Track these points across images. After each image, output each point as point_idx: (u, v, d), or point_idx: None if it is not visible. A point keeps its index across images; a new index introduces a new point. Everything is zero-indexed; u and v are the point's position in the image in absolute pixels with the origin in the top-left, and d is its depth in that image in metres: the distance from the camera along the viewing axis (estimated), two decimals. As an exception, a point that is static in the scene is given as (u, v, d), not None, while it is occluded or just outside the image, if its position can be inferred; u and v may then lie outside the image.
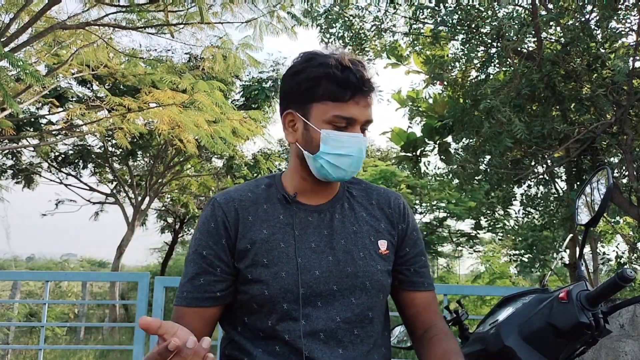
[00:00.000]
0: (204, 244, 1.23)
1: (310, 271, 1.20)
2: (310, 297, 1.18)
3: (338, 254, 1.23)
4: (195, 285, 1.21)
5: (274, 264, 1.19)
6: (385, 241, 1.30)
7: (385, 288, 1.28)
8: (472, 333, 1.45)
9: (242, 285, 1.21)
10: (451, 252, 13.71)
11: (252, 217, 1.24)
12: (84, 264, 22.76)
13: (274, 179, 1.33)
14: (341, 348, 1.19)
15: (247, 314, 1.22)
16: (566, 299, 1.22)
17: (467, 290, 5.07)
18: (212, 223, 1.23)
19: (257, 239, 1.21)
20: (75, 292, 13.19)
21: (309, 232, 1.24)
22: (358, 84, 1.19)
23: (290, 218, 1.25)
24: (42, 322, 3.15)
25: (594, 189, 1.43)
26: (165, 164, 12.85)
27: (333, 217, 1.28)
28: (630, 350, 2.91)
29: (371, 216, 1.33)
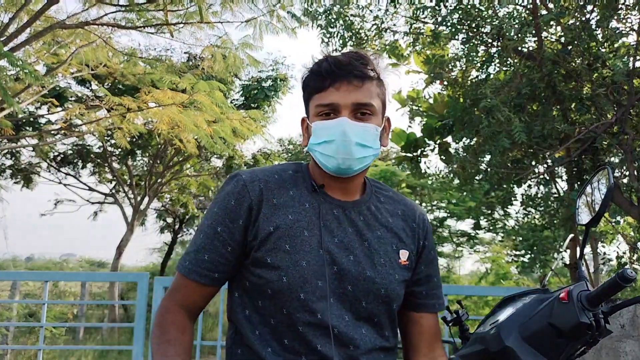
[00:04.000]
0: (220, 220, 1.21)
1: (330, 266, 1.18)
2: (325, 292, 1.17)
3: (359, 255, 1.22)
4: (198, 259, 1.21)
5: (296, 251, 1.17)
6: (407, 252, 1.29)
7: (398, 298, 1.27)
8: (473, 333, 1.44)
9: (259, 269, 1.19)
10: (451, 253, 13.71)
11: (277, 200, 1.22)
12: (83, 264, 22.76)
13: (300, 166, 1.32)
14: (352, 345, 1.18)
15: (260, 299, 1.20)
16: (567, 299, 1.21)
17: (468, 290, 5.07)
18: (232, 200, 1.21)
19: (281, 223, 1.19)
20: (74, 292, 13.19)
21: (334, 226, 1.23)
22: (332, 69, 1.19)
23: (317, 207, 1.23)
24: (41, 322, 3.14)
25: (595, 188, 1.43)
26: (165, 164, 12.84)
27: (358, 217, 1.26)
28: (630, 351, 2.90)
29: (395, 225, 1.31)
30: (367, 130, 1.21)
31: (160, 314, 1.22)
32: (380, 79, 1.26)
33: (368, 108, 1.21)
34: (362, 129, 1.20)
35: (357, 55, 1.23)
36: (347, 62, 1.20)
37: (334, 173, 1.24)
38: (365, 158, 1.23)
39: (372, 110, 1.21)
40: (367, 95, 1.21)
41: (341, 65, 1.19)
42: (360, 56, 1.23)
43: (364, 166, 1.25)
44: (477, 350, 1.33)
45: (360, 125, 1.20)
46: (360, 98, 1.20)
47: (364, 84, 1.21)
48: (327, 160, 1.21)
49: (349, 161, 1.20)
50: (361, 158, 1.22)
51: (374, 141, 1.23)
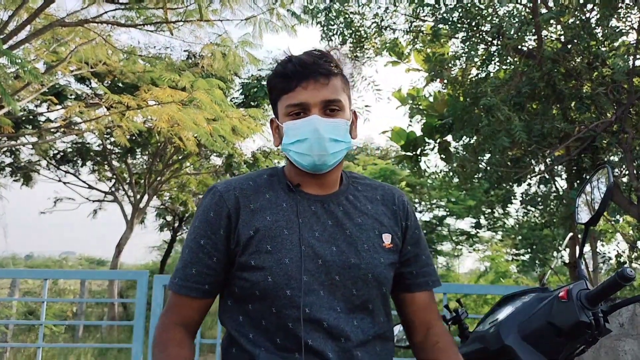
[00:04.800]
0: (202, 233, 1.24)
1: (314, 260, 1.20)
2: (313, 286, 1.18)
3: (342, 245, 1.24)
4: (187, 274, 1.23)
5: (277, 250, 1.20)
6: (389, 235, 1.30)
7: (387, 281, 1.28)
8: (472, 332, 1.44)
9: (244, 272, 1.21)
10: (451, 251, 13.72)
11: (253, 205, 1.24)
12: (83, 262, 22.75)
13: (275, 170, 1.35)
14: (343, 338, 1.19)
15: (249, 303, 1.22)
16: (566, 298, 1.21)
17: (467, 289, 5.08)
18: (211, 212, 1.24)
19: (260, 226, 1.22)
20: (73, 290, 13.19)
21: (312, 221, 1.25)
22: (297, 69, 1.22)
23: (294, 206, 1.25)
24: (40, 320, 3.15)
25: (594, 187, 1.43)
26: (164, 162, 12.83)
27: (337, 209, 1.28)
28: (630, 350, 2.90)
29: (375, 210, 1.33)
30: (338, 126, 1.24)
31: (158, 333, 1.24)
32: (344, 75, 1.30)
33: (336, 104, 1.24)
34: (333, 124, 1.23)
35: (319, 54, 1.26)
36: (312, 61, 1.23)
37: (310, 170, 1.26)
38: (338, 152, 1.26)
39: (340, 105, 1.25)
40: (334, 91, 1.24)
41: (306, 64, 1.22)
42: (323, 54, 1.26)
43: (338, 160, 1.28)
44: (476, 349, 1.34)
45: (331, 121, 1.23)
46: (328, 95, 1.23)
47: (330, 80, 1.24)
48: (302, 159, 1.24)
49: (324, 157, 1.23)
50: (335, 153, 1.24)
51: (345, 135, 1.26)
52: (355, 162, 13.85)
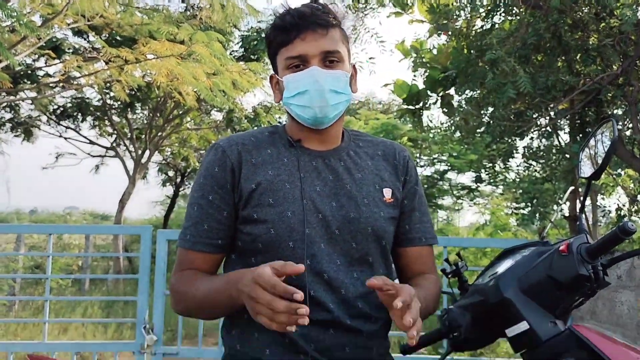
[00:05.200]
0: (209, 189, 1.24)
1: (315, 213, 1.22)
2: (314, 239, 1.20)
3: (342, 200, 1.25)
4: (199, 230, 1.24)
5: (279, 203, 1.21)
6: (389, 189, 1.32)
7: (387, 234, 1.30)
8: (471, 285, 1.46)
9: (247, 226, 1.22)
10: (451, 205, 13.80)
11: (255, 159, 1.25)
12: (87, 217, 22.99)
13: (276, 128, 1.35)
14: (343, 289, 1.21)
15: (252, 256, 1.23)
16: (566, 251, 1.21)
17: (467, 242, 5.13)
18: (215, 167, 1.25)
19: (262, 180, 1.23)
20: (78, 244, 13.37)
21: (313, 176, 1.26)
22: (295, 21, 1.21)
23: (295, 161, 1.26)
24: (47, 274, 3.19)
25: (598, 141, 1.41)
26: (165, 117, 12.75)
27: (338, 164, 1.29)
28: (626, 300, 2.95)
29: (376, 166, 1.34)
30: (338, 77, 1.24)
31: (177, 284, 1.25)
32: (342, 28, 1.29)
33: (336, 55, 1.24)
34: (333, 76, 1.23)
35: (318, 5, 1.25)
36: (310, 12, 1.22)
37: (311, 124, 1.26)
38: (339, 104, 1.25)
39: (339, 57, 1.24)
40: (333, 42, 1.24)
41: (304, 16, 1.22)
42: (321, 6, 1.26)
43: (339, 113, 1.27)
44: (475, 302, 1.35)
45: (331, 73, 1.23)
46: (327, 46, 1.22)
47: (329, 31, 1.23)
48: (304, 111, 1.24)
49: (325, 109, 1.23)
50: (335, 105, 1.24)
51: (345, 87, 1.26)
52: (357, 116, 13.75)
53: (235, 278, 1.11)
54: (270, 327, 0.97)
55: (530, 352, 1.23)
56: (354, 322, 1.21)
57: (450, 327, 1.37)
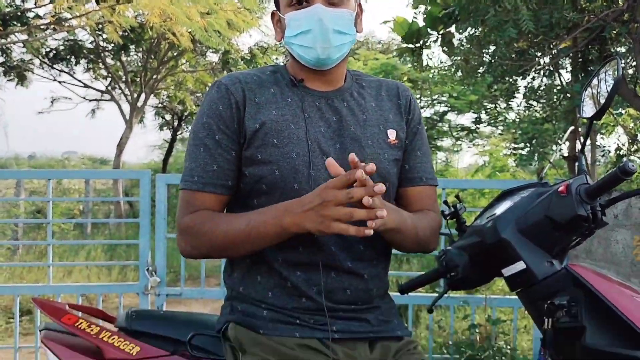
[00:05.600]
0: (215, 128, 1.20)
1: (320, 155, 1.20)
2: (319, 180, 1.18)
3: (346, 141, 1.23)
4: (208, 171, 1.20)
5: (284, 144, 1.19)
6: (394, 130, 1.30)
7: (391, 177, 1.29)
8: (469, 226, 1.47)
9: (250, 167, 1.20)
10: (450, 147, 13.79)
11: (259, 98, 1.22)
12: (86, 162, 22.98)
13: (278, 67, 1.31)
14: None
15: (255, 197, 1.22)
16: (565, 192, 1.21)
17: (465, 184, 5.15)
18: (219, 106, 1.21)
19: (266, 119, 1.20)
20: (78, 189, 13.43)
21: (317, 117, 1.23)
22: None
23: (299, 101, 1.23)
24: (48, 219, 3.22)
25: (602, 80, 1.39)
26: (159, 60, 12.51)
27: (342, 105, 1.26)
28: (621, 239, 3.00)
29: (380, 106, 1.31)
30: (342, 16, 1.19)
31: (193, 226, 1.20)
32: None
33: None
34: (337, 14, 1.18)
35: None
36: None
37: (313, 65, 1.23)
38: (343, 45, 1.21)
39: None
40: None
41: None
42: None
43: (342, 54, 1.24)
44: (473, 242, 1.36)
45: (335, 11, 1.18)
46: None
47: None
48: (306, 52, 1.20)
49: (328, 50, 1.19)
50: (339, 46, 1.20)
51: (349, 27, 1.22)
52: (356, 56, 13.49)
53: (285, 207, 1.11)
54: (347, 233, 1.02)
55: (526, 290, 1.25)
56: (354, 265, 1.22)
57: (447, 267, 1.38)
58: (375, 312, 1.25)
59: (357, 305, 1.22)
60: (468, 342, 3.13)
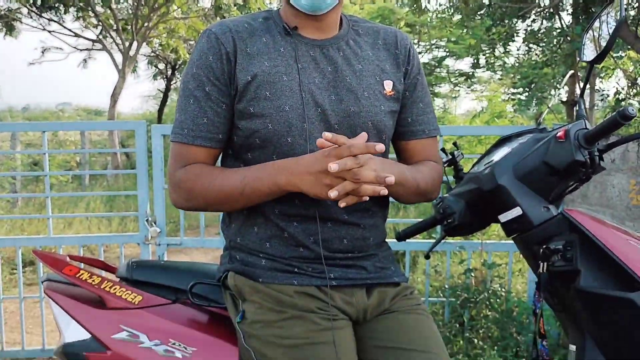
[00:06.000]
0: (205, 80, 1.18)
1: (314, 107, 1.17)
2: (313, 134, 1.17)
3: (341, 93, 1.20)
4: (198, 124, 1.18)
5: (277, 97, 1.16)
6: (390, 82, 1.26)
7: (387, 129, 1.27)
8: (467, 173, 1.47)
9: (243, 120, 1.18)
10: (448, 93, 13.66)
11: (250, 48, 1.18)
12: (80, 113, 22.78)
13: (270, 13, 1.26)
14: None
15: (249, 151, 1.21)
16: (564, 138, 1.21)
17: (463, 130, 5.12)
18: (210, 56, 1.17)
19: (258, 71, 1.16)
20: (74, 141, 13.37)
21: (311, 68, 1.20)
22: None
23: (292, 51, 1.19)
24: (45, 172, 3.22)
25: (603, 22, 1.35)
26: (150, 6, 12.16)
27: (337, 54, 1.22)
28: (617, 184, 3.01)
29: (377, 56, 1.27)
30: None
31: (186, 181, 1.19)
32: None
33: None
34: None
35: None
36: None
37: (308, 10, 1.18)
38: None
39: None
40: None
41: None
42: None
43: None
44: (470, 189, 1.37)
45: None
46: None
47: None
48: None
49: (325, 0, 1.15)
50: None
51: None
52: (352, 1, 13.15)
53: (281, 165, 1.11)
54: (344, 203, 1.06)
55: (522, 236, 1.27)
56: (351, 217, 1.22)
57: (444, 214, 1.40)
58: (372, 260, 1.27)
59: (354, 254, 1.24)
60: (464, 286, 3.19)
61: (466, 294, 3.13)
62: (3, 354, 3.21)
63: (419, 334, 1.20)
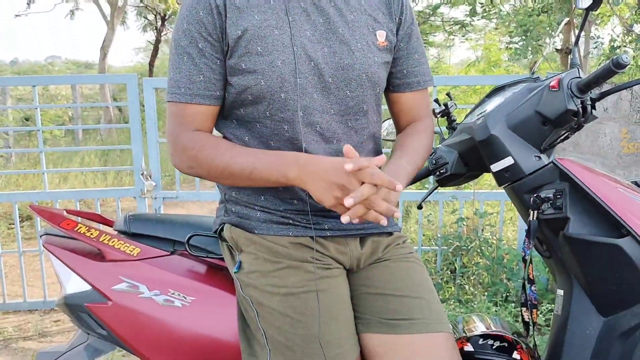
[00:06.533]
0: (197, 36, 1.15)
1: (306, 61, 1.16)
2: (307, 88, 1.16)
3: (334, 45, 1.18)
4: (195, 82, 1.16)
5: (268, 52, 1.14)
6: (383, 32, 1.24)
7: (381, 81, 1.26)
8: (460, 124, 1.47)
9: (234, 77, 1.17)
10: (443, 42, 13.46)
11: (239, 2, 1.15)
12: (70, 66, 22.42)
13: None
14: (335, 140, 1.21)
15: (241, 107, 1.20)
16: (557, 87, 1.21)
17: (457, 80, 5.08)
18: (200, 11, 1.14)
19: (248, 25, 1.14)
20: (65, 95, 13.20)
21: (302, 20, 1.17)
22: None
23: (282, 3, 1.17)
24: (37, 127, 3.19)
25: (600, -33, 1.33)
26: (137, -46, 11.79)
27: (328, 5, 1.20)
28: (609, 132, 3.03)
29: (369, 5, 1.24)
30: None
31: (191, 149, 1.18)
32: None
33: None
34: None
35: None
36: None
37: None
38: None
39: None
40: None
41: None
42: None
43: None
44: (462, 139, 1.38)
45: None
46: None
47: None
48: None
49: None
50: None
51: None
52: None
53: (294, 159, 1.10)
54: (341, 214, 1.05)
55: (513, 185, 1.28)
56: None
57: (436, 165, 1.41)
58: (366, 210, 1.29)
59: None
60: (456, 235, 3.26)
61: (458, 243, 3.19)
62: (5, 307, 3.27)
63: (410, 281, 1.23)
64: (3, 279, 3.25)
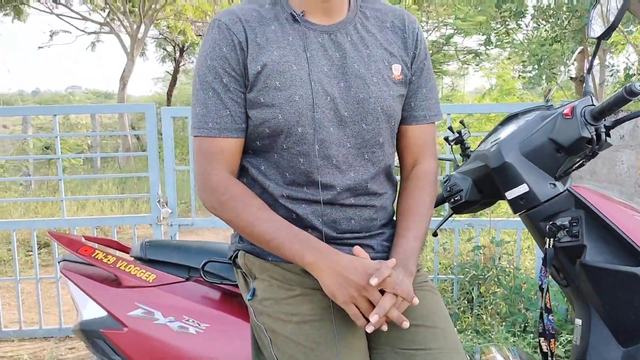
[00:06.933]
0: (221, 71, 1.18)
1: (323, 96, 1.18)
2: (323, 122, 1.18)
3: (350, 79, 1.20)
4: (222, 116, 1.19)
5: (287, 87, 1.16)
6: (399, 65, 1.26)
7: (396, 114, 1.27)
8: (474, 151, 1.48)
9: (253, 110, 1.19)
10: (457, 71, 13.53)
11: (260, 39, 1.18)
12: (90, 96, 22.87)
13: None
14: (352, 171, 1.22)
15: (259, 140, 1.22)
16: (570, 115, 1.21)
17: (470, 108, 5.10)
18: (223, 47, 1.18)
19: (268, 61, 1.17)
20: (85, 124, 13.44)
21: (320, 55, 1.20)
22: None
23: (300, 40, 1.20)
24: (57, 155, 3.26)
25: (611, -3, 1.34)
26: (157, -12, 12.12)
27: (345, 40, 1.22)
28: (627, 160, 3.00)
29: (385, 39, 1.27)
30: None
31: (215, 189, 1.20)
32: None
33: None
34: None
35: None
36: None
37: None
38: None
39: None
40: None
41: None
42: None
43: None
44: (477, 167, 1.38)
45: None
46: None
47: None
48: None
49: None
50: None
51: None
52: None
53: (317, 247, 1.13)
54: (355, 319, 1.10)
55: (528, 212, 1.28)
56: (359, 200, 1.23)
57: (451, 192, 1.41)
58: (379, 239, 1.28)
59: (361, 234, 1.25)
60: (472, 263, 3.22)
61: (475, 271, 3.15)
62: (21, 334, 3.29)
63: (426, 310, 1.22)
64: (20, 305, 3.27)
